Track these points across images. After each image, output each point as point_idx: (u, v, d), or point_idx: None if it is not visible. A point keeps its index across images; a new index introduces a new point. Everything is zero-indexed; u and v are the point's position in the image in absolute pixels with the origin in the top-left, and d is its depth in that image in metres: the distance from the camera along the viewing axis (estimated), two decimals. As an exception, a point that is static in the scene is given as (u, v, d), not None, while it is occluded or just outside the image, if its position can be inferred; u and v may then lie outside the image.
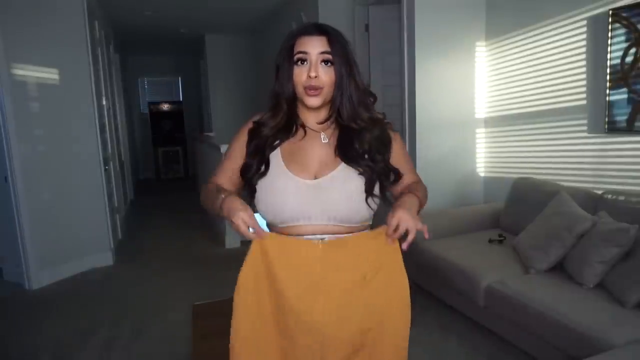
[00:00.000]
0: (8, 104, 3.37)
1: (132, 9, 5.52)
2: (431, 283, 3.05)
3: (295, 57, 1.11)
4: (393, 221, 1.07)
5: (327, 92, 1.13)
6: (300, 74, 1.12)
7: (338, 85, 1.13)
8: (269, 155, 1.17)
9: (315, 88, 1.11)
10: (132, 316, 3.06)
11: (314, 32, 1.12)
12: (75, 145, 3.88)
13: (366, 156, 1.15)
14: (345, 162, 1.15)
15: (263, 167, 1.16)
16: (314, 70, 1.10)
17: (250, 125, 1.23)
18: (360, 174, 1.13)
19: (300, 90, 1.13)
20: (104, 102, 4.77)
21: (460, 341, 2.56)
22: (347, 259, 1.14)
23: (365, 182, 1.13)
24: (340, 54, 1.12)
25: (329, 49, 1.11)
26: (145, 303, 3.28)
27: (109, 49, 5.73)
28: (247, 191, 1.19)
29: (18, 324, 3.02)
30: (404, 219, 1.06)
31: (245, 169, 1.18)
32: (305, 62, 1.11)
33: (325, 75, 1.11)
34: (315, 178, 1.15)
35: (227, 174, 1.25)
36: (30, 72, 3.57)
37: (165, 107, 9.52)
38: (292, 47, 1.12)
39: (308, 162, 1.17)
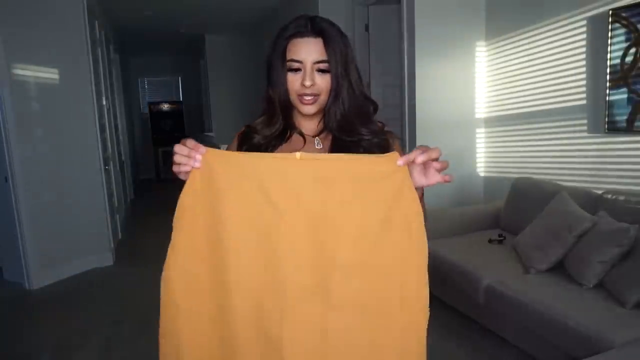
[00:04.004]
0: (8, 104, 3.37)
1: (132, 9, 5.51)
2: (431, 283, 3.03)
3: (288, 64, 1.03)
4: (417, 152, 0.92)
5: (323, 98, 1.06)
6: (294, 82, 1.04)
7: (334, 91, 1.04)
8: None
9: (310, 95, 1.04)
10: (132, 316, 3.06)
11: (308, 34, 1.02)
12: (75, 145, 3.87)
13: None
14: None
15: None
16: (309, 79, 1.02)
17: (242, 129, 1.14)
18: None
19: (294, 97, 1.06)
20: (104, 102, 4.77)
21: (460, 341, 2.56)
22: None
23: None
24: (338, 57, 1.03)
25: (325, 58, 1.02)
26: (145, 303, 3.27)
27: (109, 49, 5.72)
28: None
29: (18, 323, 3.02)
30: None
31: None
32: (300, 71, 1.03)
33: (321, 82, 1.04)
34: None
35: None
36: (30, 72, 3.56)
37: (165, 107, 9.51)
38: (284, 48, 1.04)
39: None
